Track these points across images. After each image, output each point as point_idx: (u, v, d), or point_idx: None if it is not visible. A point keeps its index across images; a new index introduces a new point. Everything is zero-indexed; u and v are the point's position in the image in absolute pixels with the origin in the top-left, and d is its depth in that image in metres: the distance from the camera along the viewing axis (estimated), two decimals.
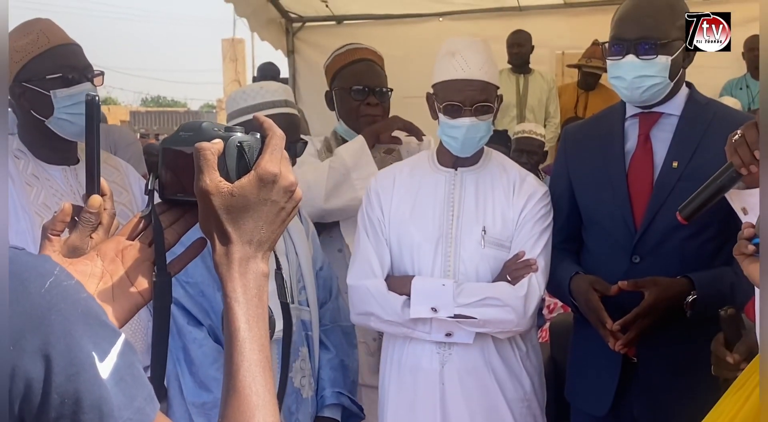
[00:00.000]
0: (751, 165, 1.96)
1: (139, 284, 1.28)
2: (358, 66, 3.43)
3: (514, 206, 2.75)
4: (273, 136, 1.20)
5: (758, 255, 1.67)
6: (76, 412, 0.86)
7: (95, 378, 0.87)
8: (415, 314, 2.66)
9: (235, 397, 1.08)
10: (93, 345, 0.88)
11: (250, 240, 1.17)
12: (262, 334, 1.14)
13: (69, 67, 2.58)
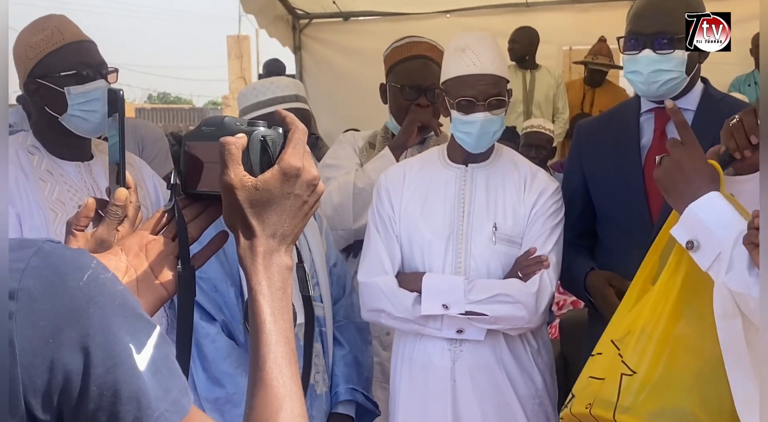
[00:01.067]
0: (746, 150, 1.98)
1: (164, 278, 1.29)
2: (413, 63, 3.36)
3: (525, 202, 2.75)
4: (296, 130, 1.21)
5: None
6: (115, 404, 0.86)
7: (133, 370, 0.88)
8: (426, 311, 2.66)
9: (263, 389, 1.09)
10: (130, 337, 0.89)
11: (273, 233, 1.18)
12: (287, 327, 1.15)
13: (83, 64, 2.59)
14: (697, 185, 1.96)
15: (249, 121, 1.24)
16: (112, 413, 0.86)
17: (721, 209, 1.93)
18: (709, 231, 1.91)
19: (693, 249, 1.93)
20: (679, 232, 1.99)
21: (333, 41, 7.36)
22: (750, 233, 1.72)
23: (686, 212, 1.95)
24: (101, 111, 2.61)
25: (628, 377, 2.08)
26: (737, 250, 1.85)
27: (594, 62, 7.17)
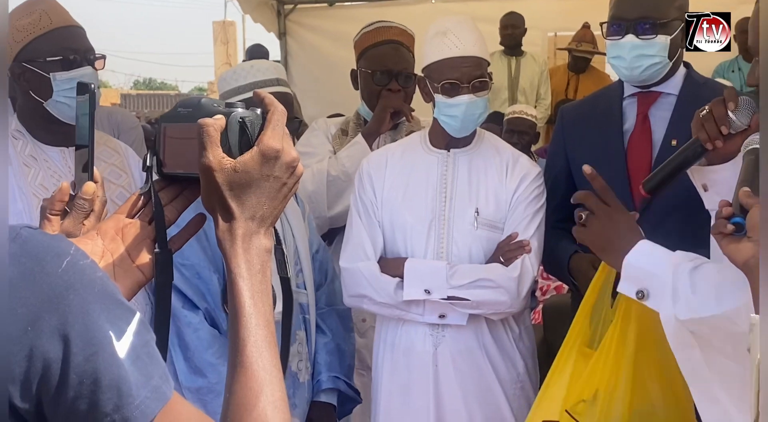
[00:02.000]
0: (717, 140, 1.99)
1: (141, 262, 1.29)
2: (383, 48, 3.35)
3: (507, 187, 2.75)
4: (274, 111, 1.20)
5: (737, 234, 1.67)
6: (95, 392, 0.85)
7: (113, 358, 0.87)
8: (408, 296, 2.66)
9: (243, 373, 1.09)
10: (110, 324, 0.88)
11: (252, 215, 1.17)
12: (267, 310, 1.14)
13: (70, 49, 2.55)
14: (628, 238, 2.03)
15: (226, 102, 1.23)
16: (92, 401, 0.86)
17: (655, 253, 2.01)
18: (654, 275, 1.97)
19: (644, 298, 1.98)
20: (625, 287, 2.03)
21: (318, 27, 7.34)
22: (718, 223, 1.72)
23: (625, 266, 2.01)
24: None
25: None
26: (678, 281, 1.90)
27: (578, 49, 7.19)
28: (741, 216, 1.67)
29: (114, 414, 0.87)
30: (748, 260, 1.63)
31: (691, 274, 1.92)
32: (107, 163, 2.70)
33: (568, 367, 2.19)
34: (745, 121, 1.98)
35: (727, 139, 2.00)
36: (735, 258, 1.67)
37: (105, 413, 0.87)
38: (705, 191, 2.09)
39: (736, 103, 1.98)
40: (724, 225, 1.69)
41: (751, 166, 1.80)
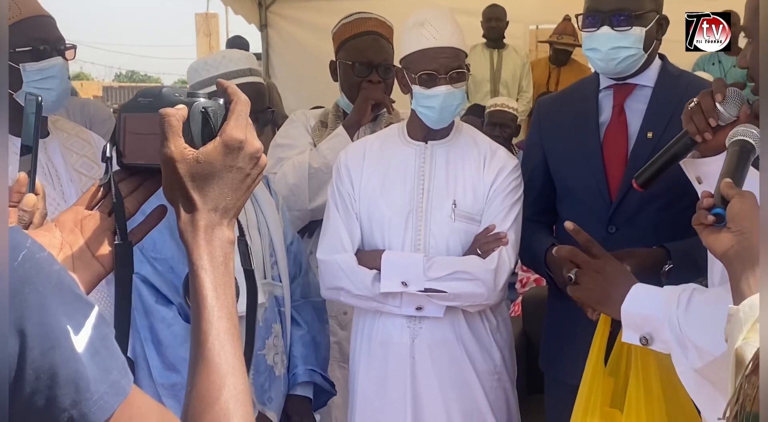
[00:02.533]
0: (706, 132, 1.99)
1: (100, 254, 1.26)
2: (363, 40, 3.32)
3: (484, 179, 2.74)
4: (237, 101, 1.19)
5: (718, 225, 1.67)
6: (52, 387, 0.83)
7: (71, 353, 0.84)
8: (386, 288, 2.66)
9: (205, 366, 1.07)
10: (67, 318, 0.85)
11: (215, 207, 1.16)
12: (230, 302, 1.13)
13: (40, 39, 2.52)
14: (622, 287, 2.01)
15: (188, 92, 1.22)
16: (49, 396, 0.84)
17: (649, 295, 1.98)
18: (653, 318, 1.94)
19: (649, 343, 1.95)
20: (628, 335, 2.01)
21: (299, 19, 7.32)
22: (699, 214, 1.73)
23: (623, 315, 1.99)
24: (58, 89, 2.57)
25: None
26: (676, 329, 1.86)
27: (559, 41, 7.20)
28: (722, 207, 1.68)
29: (72, 409, 0.85)
30: (727, 251, 1.63)
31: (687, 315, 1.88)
32: (79, 154, 2.68)
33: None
34: (734, 113, 1.97)
35: (717, 131, 1.99)
36: (714, 249, 1.67)
37: (62, 408, 0.85)
38: (699, 184, 2.09)
39: (724, 95, 1.97)
40: (704, 216, 1.69)
41: (734, 158, 1.80)
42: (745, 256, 1.59)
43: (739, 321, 1.42)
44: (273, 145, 3.37)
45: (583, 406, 2.17)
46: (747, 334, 1.36)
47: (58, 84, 2.56)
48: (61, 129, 2.72)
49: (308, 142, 3.32)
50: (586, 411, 2.16)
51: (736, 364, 1.32)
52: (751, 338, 1.32)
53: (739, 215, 1.65)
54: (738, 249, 1.61)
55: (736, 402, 1.27)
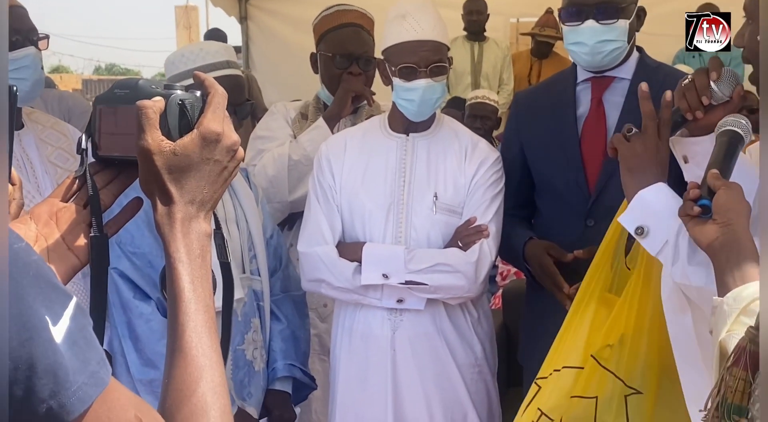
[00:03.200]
0: (697, 111, 1.97)
1: (76, 246, 1.26)
2: (344, 31, 3.30)
3: (465, 172, 2.74)
4: (215, 94, 1.19)
5: (703, 216, 1.68)
6: (30, 377, 0.82)
7: (49, 343, 0.84)
8: (367, 280, 2.65)
9: (182, 358, 1.07)
10: (45, 308, 0.85)
11: (192, 199, 1.16)
12: (207, 295, 1.13)
13: (12, 29, 2.50)
14: (654, 173, 1.98)
15: (165, 84, 1.21)
16: (28, 387, 0.83)
17: (669, 197, 1.95)
18: (659, 217, 1.93)
19: (642, 236, 1.95)
20: (627, 219, 2.00)
21: (279, 11, 7.29)
22: (685, 205, 1.73)
23: (636, 199, 1.97)
24: (31, 79, 2.54)
25: (634, 397, 2.04)
26: (681, 241, 1.88)
27: (541, 34, 7.20)
28: (708, 199, 1.68)
29: (50, 400, 0.84)
30: (712, 242, 1.64)
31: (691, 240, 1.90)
32: (54, 146, 2.66)
33: (588, 314, 2.17)
34: (727, 93, 1.95)
35: (709, 110, 1.97)
36: (699, 240, 1.68)
37: (41, 399, 0.84)
38: (686, 163, 2.08)
39: (719, 74, 1.94)
40: (690, 207, 1.70)
41: (722, 148, 1.80)
42: (730, 248, 1.59)
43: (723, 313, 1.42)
44: (253, 136, 3.36)
45: (584, 289, 2.20)
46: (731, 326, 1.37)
47: (31, 74, 2.54)
48: (36, 121, 2.70)
49: (288, 134, 3.30)
50: (585, 294, 2.19)
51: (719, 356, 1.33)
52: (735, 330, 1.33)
53: (725, 206, 1.65)
54: (723, 241, 1.62)
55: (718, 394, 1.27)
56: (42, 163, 2.60)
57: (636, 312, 2.07)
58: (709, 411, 1.29)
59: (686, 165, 2.08)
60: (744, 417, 1.22)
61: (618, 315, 2.10)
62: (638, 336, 2.06)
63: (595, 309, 2.17)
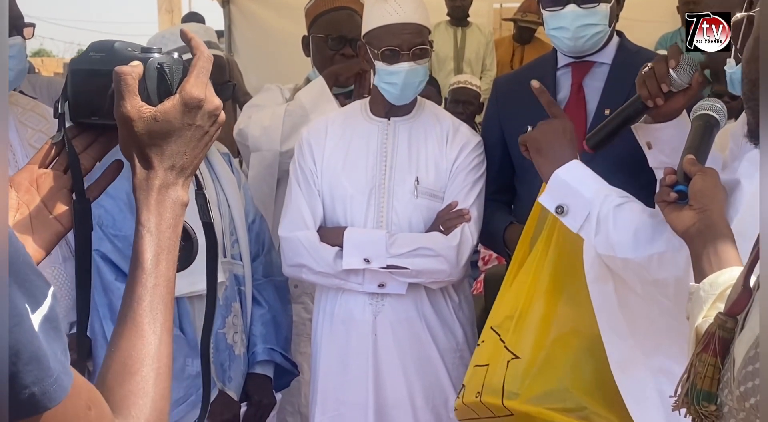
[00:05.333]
0: (658, 98, 2.02)
1: (58, 212, 1.24)
2: (336, 14, 3.31)
3: (447, 156, 2.74)
4: (200, 57, 1.17)
5: (680, 202, 1.69)
6: (15, 363, 0.82)
7: (32, 331, 0.83)
8: (348, 265, 2.65)
9: (133, 331, 1.06)
10: (28, 296, 0.84)
11: (172, 165, 1.15)
12: (170, 269, 1.12)
13: None
14: (565, 151, 2.08)
15: (142, 47, 1.19)
16: (12, 373, 0.82)
17: (585, 173, 2.05)
18: (577, 193, 2.02)
19: (563, 214, 2.03)
20: (546, 199, 2.08)
21: None
22: (662, 191, 1.74)
23: (553, 178, 2.06)
24: (15, 69, 2.52)
25: (514, 362, 2.14)
26: (603, 213, 1.94)
27: (523, 19, 7.18)
28: (684, 184, 1.68)
29: (33, 386, 0.84)
30: (688, 228, 1.64)
31: (616, 210, 1.97)
32: (34, 129, 2.64)
33: (504, 291, 2.29)
34: (686, 79, 2.00)
35: (669, 97, 2.02)
36: (676, 226, 1.69)
37: (24, 385, 0.83)
38: (649, 149, 2.12)
39: (678, 61, 1.99)
40: (667, 193, 1.70)
41: (698, 133, 1.81)
42: (706, 234, 1.60)
43: (699, 299, 1.43)
44: (248, 105, 3.35)
45: (513, 264, 2.32)
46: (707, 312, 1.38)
47: (16, 64, 2.52)
48: (16, 103, 2.68)
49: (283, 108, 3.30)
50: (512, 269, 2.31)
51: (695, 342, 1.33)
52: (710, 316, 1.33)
53: (701, 192, 1.66)
54: (699, 226, 1.62)
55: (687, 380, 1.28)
56: (22, 146, 2.59)
57: (529, 287, 2.19)
58: (679, 397, 1.29)
59: (650, 151, 2.12)
60: (713, 403, 1.22)
61: (517, 288, 2.23)
62: (528, 306, 2.18)
63: (504, 285, 2.30)
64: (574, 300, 2.13)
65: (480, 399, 2.17)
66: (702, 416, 1.23)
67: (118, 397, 1.02)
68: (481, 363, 2.22)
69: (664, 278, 1.88)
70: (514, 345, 2.15)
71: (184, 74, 1.17)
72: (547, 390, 2.09)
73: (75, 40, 64.65)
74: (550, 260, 2.16)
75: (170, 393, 1.08)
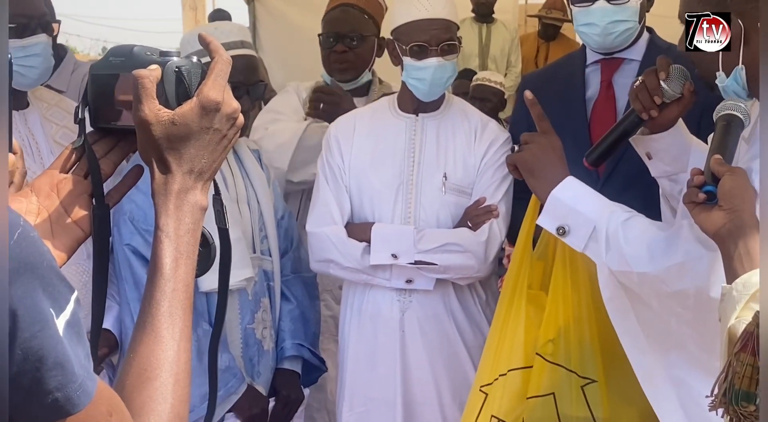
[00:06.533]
0: (651, 110, 2.03)
1: (78, 217, 1.24)
2: (333, 13, 3.35)
3: (475, 152, 2.74)
4: (219, 60, 1.16)
5: (709, 202, 1.67)
6: (39, 369, 0.82)
7: (57, 336, 0.83)
8: (376, 261, 2.66)
9: (151, 336, 1.06)
10: (52, 301, 0.84)
11: (191, 169, 1.14)
12: (189, 273, 1.12)
13: (24, 16, 2.47)
14: (557, 170, 2.07)
15: (161, 51, 1.19)
16: (36, 378, 0.83)
17: (581, 191, 2.04)
18: (577, 212, 2.00)
19: (564, 235, 2.00)
20: (546, 221, 2.05)
21: None
22: (690, 191, 1.72)
23: (550, 199, 2.03)
24: (41, 67, 2.53)
25: (591, 386, 2.07)
26: (611, 229, 1.93)
27: (548, 16, 7.17)
28: (713, 185, 1.67)
29: (57, 392, 0.84)
30: (719, 229, 1.62)
31: (624, 225, 1.95)
32: (59, 125, 2.65)
33: (520, 313, 2.20)
34: (678, 90, 2.03)
35: (663, 108, 2.04)
36: (706, 227, 1.67)
37: (48, 390, 0.84)
38: (649, 159, 2.14)
39: (668, 73, 2.02)
40: (695, 194, 1.68)
41: (722, 133, 1.80)
42: (737, 234, 1.58)
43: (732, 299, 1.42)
44: (266, 109, 3.37)
45: (511, 289, 2.21)
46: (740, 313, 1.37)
47: (41, 62, 2.53)
48: (41, 99, 2.69)
49: (299, 113, 3.31)
50: (513, 294, 2.21)
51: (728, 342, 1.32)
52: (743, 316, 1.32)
53: (731, 192, 1.64)
54: (730, 227, 1.61)
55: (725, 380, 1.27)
56: (47, 142, 2.60)
57: (570, 303, 2.12)
58: (716, 397, 1.28)
59: (650, 161, 2.13)
60: (752, 403, 1.21)
61: (552, 308, 2.14)
62: (578, 327, 2.10)
63: (525, 308, 2.20)
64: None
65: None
66: (741, 416, 1.23)
67: (137, 403, 1.03)
68: (539, 394, 2.12)
69: (684, 289, 1.86)
70: (580, 367, 2.08)
71: (203, 78, 1.17)
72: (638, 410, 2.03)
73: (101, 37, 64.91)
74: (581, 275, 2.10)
75: (189, 398, 1.08)
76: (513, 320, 2.20)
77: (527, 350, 2.16)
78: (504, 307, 2.22)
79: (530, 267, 2.22)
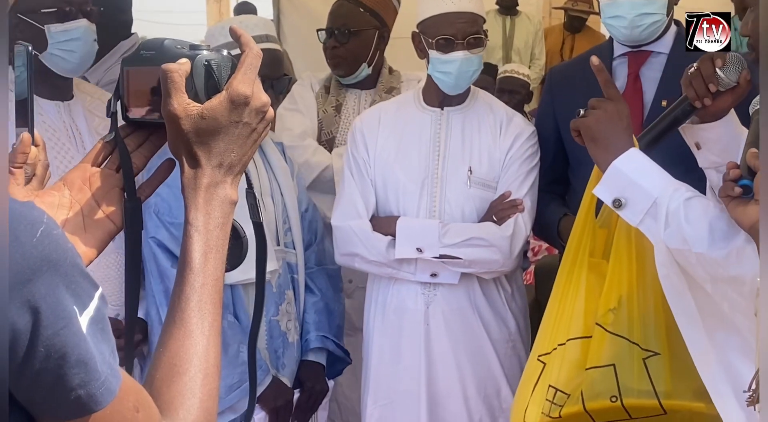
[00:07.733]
0: (705, 98, 1.96)
1: (110, 211, 1.24)
2: (332, 7, 3.37)
3: (500, 146, 2.73)
4: (249, 53, 1.16)
5: (745, 196, 1.65)
6: (62, 366, 0.83)
7: (80, 333, 0.84)
8: (400, 254, 2.66)
9: (181, 331, 1.06)
10: (76, 298, 0.85)
11: (220, 163, 1.14)
12: (218, 267, 1.11)
13: (65, 1, 2.49)
14: (622, 139, 1.98)
15: (191, 44, 1.19)
16: (59, 375, 0.83)
17: (645, 164, 1.96)
18: (636, 185, 1.93)
19: (620, 207, 1.94)
20: (602, 191, 1.98)
21: None
22: (726, 185, 1.71)
23: (610, 169, 1.96)
24: (81, 51, 2.54)
25: (654, 358, 2.02)
26: (672, 206, 1.87)
27: (573, 8, 7.12)
28: (749, 178, 1.65)
29: (79, 389, 0.85)
30: (755, 223, 1.61)
31: (686, 204, 1.88)
32: (101, 117, 2.66)
33: (581, 282, 2.11)
34: (734, 78, 1.96)
35: (716, 97, 1.97)
36: (742, 221, 1.65)
37: (70, 388, 0.84)
38: (698, 149, 2.08)
39: (724, 61, 1.95)
40: (731, 188, 1.67)
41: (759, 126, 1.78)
42: None
43: None
44: (283, 106, 3.37)
45: (572, 257, 2.14)
46: None
47: (82, 46, 2.53)
48: (85, 92, 2.71)
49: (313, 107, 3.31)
50: (574, 262, 2.14)
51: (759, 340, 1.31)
52: None
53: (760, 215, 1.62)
54: None
55: None
56: (90, 134, 2.61)
57: (633, 273, 2.04)
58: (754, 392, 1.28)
59: (699, 151, 2.07)
60: None
61: (613, 277, 2.06)
62: (641, 297, 2.03)
63: (586, 277, 2.12)
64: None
65: (621, 402, 2.03)
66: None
67: (166, 398, 1.03)
68: (599, 364, 2.05)
69: (742, 274, 1.82)
70: (646, 340, 2.01)
71: (233, 71, 1.16)
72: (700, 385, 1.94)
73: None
74: (645, 243, 2.01)
75: (218, 392, 1.08)
76: (573, 288, 2.13)
77: (587, 319, 2.09)
78: (564, 276, 2.15)
79: (592, 235, 2.14)
